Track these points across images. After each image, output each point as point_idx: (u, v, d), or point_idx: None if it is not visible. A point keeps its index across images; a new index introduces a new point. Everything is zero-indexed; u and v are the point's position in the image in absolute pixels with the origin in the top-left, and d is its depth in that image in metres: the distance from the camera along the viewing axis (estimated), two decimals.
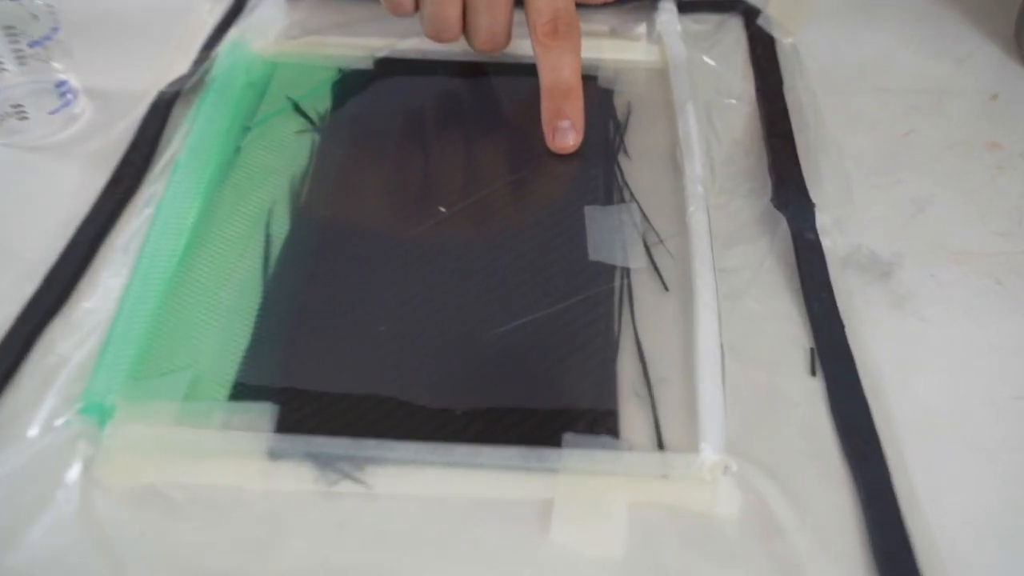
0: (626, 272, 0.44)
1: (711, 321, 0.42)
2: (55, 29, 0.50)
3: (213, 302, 0.43)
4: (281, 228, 0.47)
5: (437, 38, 0.51)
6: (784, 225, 0.46)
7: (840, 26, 0.60)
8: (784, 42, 0.58)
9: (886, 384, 0.40)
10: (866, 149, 0.51)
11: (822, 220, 0.46)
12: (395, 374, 0.40)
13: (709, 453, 0.37)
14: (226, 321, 0.42)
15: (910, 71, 0.57)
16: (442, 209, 0.47)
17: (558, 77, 0.49)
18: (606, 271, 0.44)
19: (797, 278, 0.44)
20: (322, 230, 0.46)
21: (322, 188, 0.49)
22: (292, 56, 0.57)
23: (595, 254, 0.45)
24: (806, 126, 0.52)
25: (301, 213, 0.47)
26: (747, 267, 0.44)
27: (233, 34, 0.57)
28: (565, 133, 0.49)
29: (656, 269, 0.45)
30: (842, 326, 0.42)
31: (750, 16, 0.60)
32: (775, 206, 0.47)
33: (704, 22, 0.60)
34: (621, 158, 0.50)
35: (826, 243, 0.45)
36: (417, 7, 0.50)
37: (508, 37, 0.51)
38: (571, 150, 0.50)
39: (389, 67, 0.56)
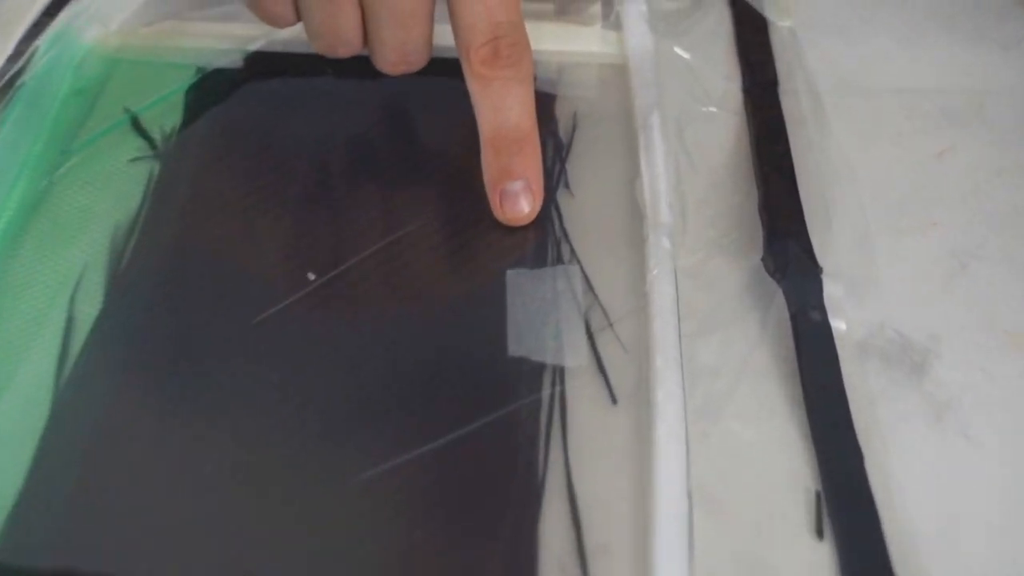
0: (559, 374, 0.31)
1: (675, 455, 0.29)
2: None
3: None
4: (91, 305, 0.34)
5: (331, 54, 0.37)
6: (780, 299, 0.33)
7: (851, 2, 0.45)
8: (779, 26, 0.44)
9: (923, 546, 0.28)
10: (888, 176, 0.38)
11: (832, 291, 0.33)
12: (223, 551, 0.28)
13: None
14: None
15: (942, 63, 0.44)
16: (311, 276, 0.34)
17: (504, 121, 0.35)
18: (531, 374, 0.32)
19: (797, 381, 0.31)
20: (145, 310, 0.33)
21: (153, 244, 0.36)
22: (138, 51, 0.44)
23: (517, 346, 0.32)
24: (809, 144, 0.39)
25: (120, 282, 0.34)
26: (728, 365, 0.32)
27: (62, 20, 0.43)
28: (516, 198, 0.35)
29: (602, 369, 0.31)
30: (860, 456, 0.30)
31: None
32: (768, 271, 0.33)
33: None
34: (561, 195, 0.37)
35: (837, 325, 0.33)
36: (299, 16, 0.36)
37: (428, 53, 0.37)
38: (526, 221, 0.36)
39: (264, 65, 0.43)
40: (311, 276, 0.34)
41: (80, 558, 0.28)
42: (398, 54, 0.36)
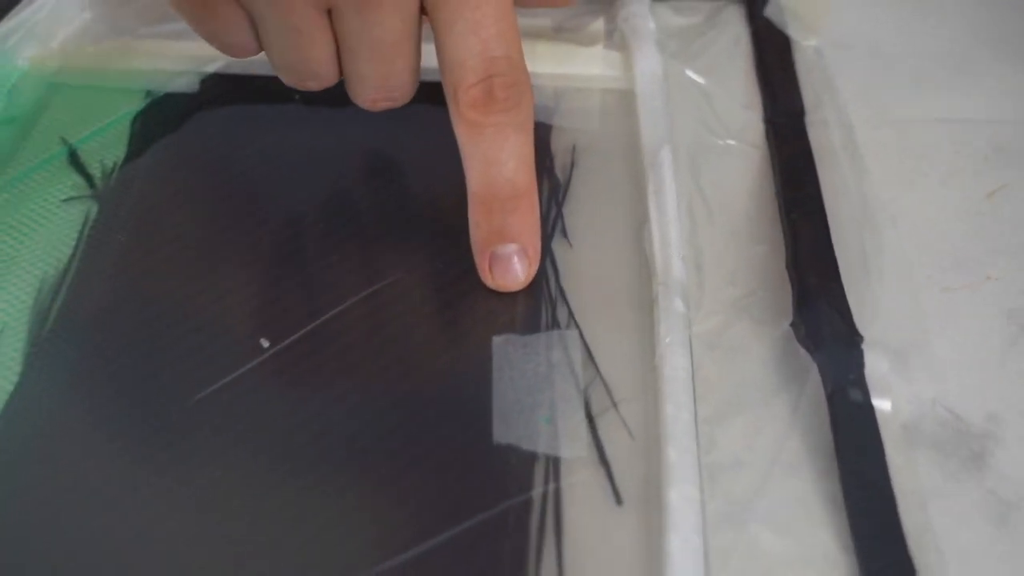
0: (554, 468, 0.26)
1: (691, 571, 0.23)
2: None
3: None
4: (8, 373, 0.28)
5: (301, 88, 0.32)
6: (815, 374, 0.27)
7: (886, 15, 0.41)
8: (804, 45, 0.38)
9: None
10: (933, 221, 0.33)
11: (874, 364, 0.28)
12: None
13: None
14: None
15: (992, 89, 0.38)
16: (264, 343, 0.29)
17: (497, 175, 0.30)
18: (520, 467, 0.27)
19: (836, 476, 0.25)
20: (69, 384, 0.28)
21: (83, 303, 0.31)
22: (81, 73, 0.39)
23: (504, 432, 0.27)
24: (842, 185, 0.34)
25: (43, 348, 0.29)
26: (754, 458, 0.27)
27: None
28: (508, 263, 0.30)
29: (604, 462, 0.26)
30: (913, 571, 0.24)
31: (754, 3, 0.40)
32: (799, 339, 0.28)
33: (690, 13, 0.41)
34: (557, 245, 0.31)
35: (881, 405, 0.27)
36: (262, 45, 0.31)
37: (413, 86, 0.31)
38: (518, 288, 0.31)
39: (223, 89, 0.38)
40: (264, 343, 0.29)
41: None
42: (380, 90, 0.31)
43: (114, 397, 0.29)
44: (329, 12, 0.29)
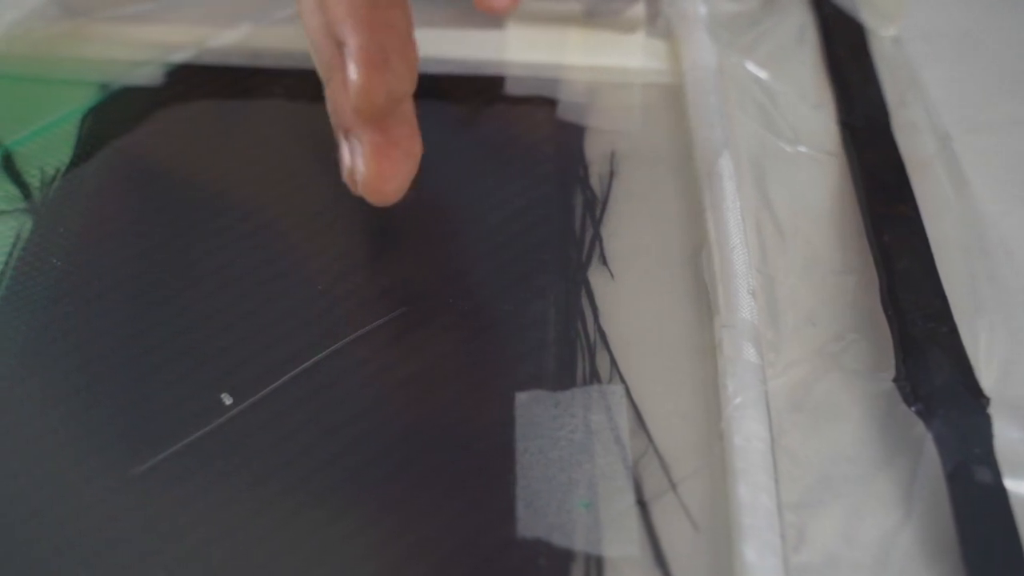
0: (596, 569, 0.19)
1: None
2: None
3: None
4: None
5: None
6: (929, 446, 0.21)
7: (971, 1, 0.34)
8: (881, 35, 0.32)
9: None
10: None
11: (1006, 433, 0.21)
12: None
13: None
14: None
15: None
16: (226, 400, 0.22)
17: None
18: (553, 567, 0.19)
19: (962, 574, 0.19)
20: None
21: (9, 342, 0.24)
22: (24, 63, 0.33)
23: (530, 520, 0.21)
24: (943, 203, 0.27)
25: None
26: (856, 556, 0.20)
27: None
28: None
29: (662, 563, 0.20)
30: None
31: None
32: (905, 400, 0.22)
33: None
34: (595, 274, 0.25)
35: (1016, 488, 0.20)
36: None
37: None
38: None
39: (190, 82, 0.32)
40: (227, 400, 0.23)
41: None
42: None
43: (35, 467, 0.22)
44: None
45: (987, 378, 0.24)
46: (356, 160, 0.24)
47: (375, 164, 0.24)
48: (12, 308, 0.26)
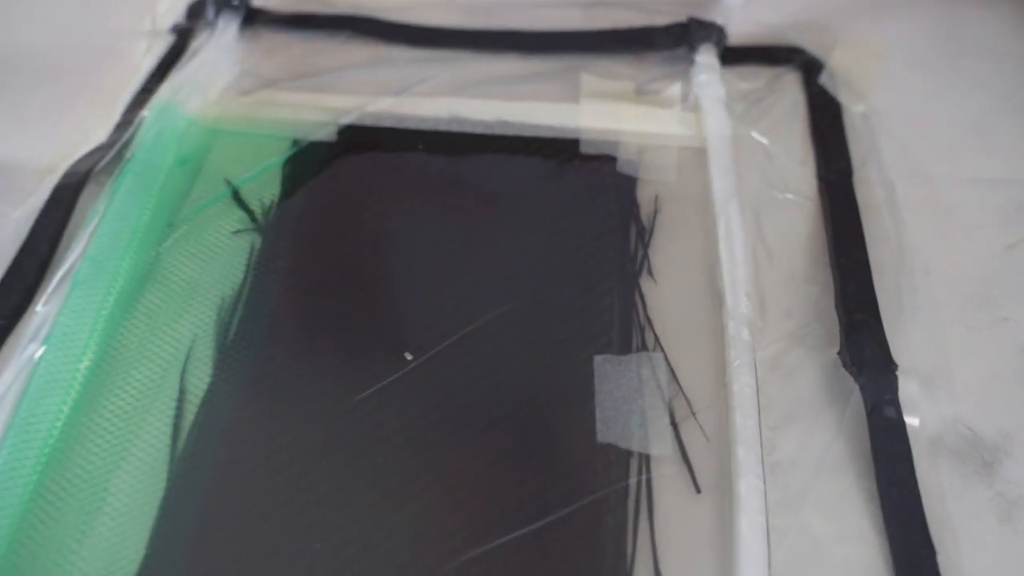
0: (645, 462, 0.33)
1: (757, 547, 0.31)
2: None
3: (100, 495, 0.33)
4: (201, 378, 0.36)
5: None
6: (857, 394, 0.34)
7: (924, 86, 0.48)
8: (853, 111, 0.45)
9: None
10: (960, 269, 0.39)
11: (907, 389, 0.34)
12: None
13: None
14: (115, 524, 0.32)
15: (1015, 151, 0.45)
16: (408, 356, 0.36)
17: None
18: (619, 461, 0.33)
19: (872, 476, 0.32)
20: (250, 386, 0.35)
21: (257, 319, 0.38)
22: (236, 121, 0.46)
23: (606, 433, 0.34)
24: (884, 236, 0.40)
25: (227, 357, 0.36)
26: (807, 459, 0.33)
27: (165, 91, 0.46)
28: None
29: (686, 459, 0.33)
30: (933, 552, 0.31)
31: (810, 72, 0.47)
32: (845, 365, 0.35)
33: (753, 78, 0.47)
34: (644, 281, 0.38)
35: (911, 422, 0.34)
36: None
37: None
38: None
39: (356, 138, 0.45)
40: (408, 356, 0.36)
41: None
42: None
43: (289, 396, 0.36)
44: None
45: (898, 354, 0.36)
46: None
47: None
48: (257, 295, 0.39)
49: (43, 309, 0.38)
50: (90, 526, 0.32)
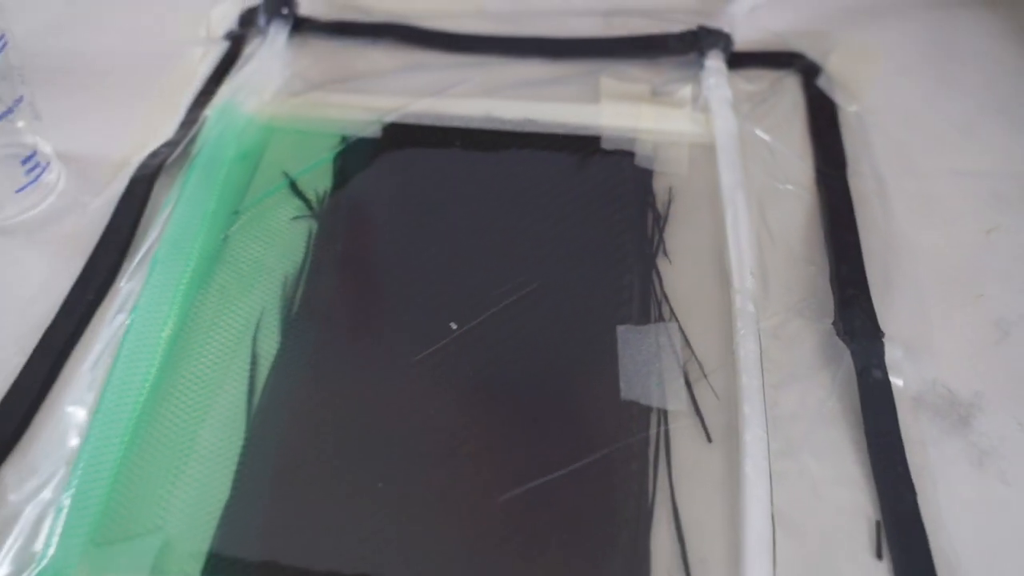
0: (663, 416, 0.38)
1: (761, 488, 0.35)
2: (18, 101, 0.44)
3: (188, 443, 0.38)
4: (270, 344, 0.41)
5: None
6: (848, 358, 0.39)
7: (913, 88, 0.53)
8: (848, 110, 0.50)
9: (965, 568, 0.34)
10: (942, 251, 0.44)
11: (892, 354, 0.39)
12: (390, 550, 0.35)
13: None
14: (203, 468, 0.37)
15: (995, 147, 0.49)
16: (453, 326, 0.41)
17: None
18: (641, 414, 0.38)
19: (862, 428, 0.37)
20: (314, 351, 0.40)
21: (317, 293, 0.43)
22: (290, 120, 0.51)
23: (628, 391, 0.39)
24: (874, 223, 0.45)
25: (293, 326, 0.41)
26: (804, 413, 0.38)
27: (224, 93, 0.51)
28: None
29: (698, 413, 0.38)
30: (914, 493, 0.36)
31: (809, 75, 0.52)
32: (838, 334, 0.40)
33: (757, 80, 0.53)
34: (661, 261, 0.43)
35: (896, 382, 0.39)
36: None
37: None
38: None
39: (399, 135, 0.50)
40: (453, 326, 0.41)
41: (279, 552, 0.35)
42: None
43: (351, 358, 0.41)
44: None
45: (885, 324, 0.41)
46: None
47: None
48: (316, 274, 0.44)
49: (127, 285, 0.43)
50: (181, 469, 0.37)
